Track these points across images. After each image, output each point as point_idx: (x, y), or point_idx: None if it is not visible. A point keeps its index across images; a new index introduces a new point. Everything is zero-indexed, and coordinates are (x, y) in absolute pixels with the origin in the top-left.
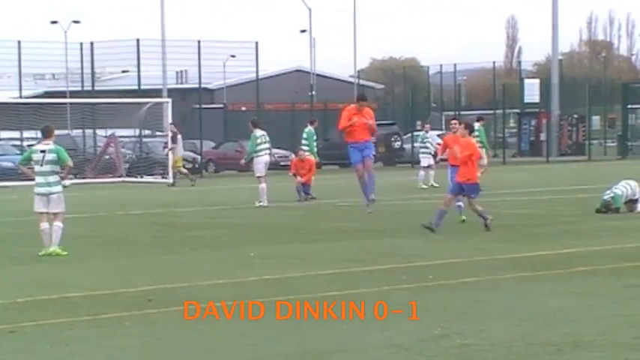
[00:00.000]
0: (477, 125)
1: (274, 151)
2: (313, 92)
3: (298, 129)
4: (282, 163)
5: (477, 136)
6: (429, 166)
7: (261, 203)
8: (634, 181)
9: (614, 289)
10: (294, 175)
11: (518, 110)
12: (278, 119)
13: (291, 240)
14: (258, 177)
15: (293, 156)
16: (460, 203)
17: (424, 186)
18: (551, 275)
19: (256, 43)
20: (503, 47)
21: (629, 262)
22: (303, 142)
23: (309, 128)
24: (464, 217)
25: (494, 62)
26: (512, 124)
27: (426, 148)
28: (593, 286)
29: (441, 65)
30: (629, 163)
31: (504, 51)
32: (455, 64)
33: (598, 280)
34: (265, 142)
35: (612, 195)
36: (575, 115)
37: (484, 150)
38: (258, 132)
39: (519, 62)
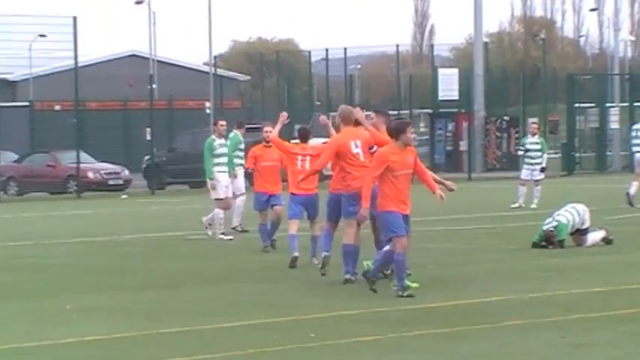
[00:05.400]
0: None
1: (100, 165)
2: (154, 85)
3: (134, 135)
4: (111, 182)
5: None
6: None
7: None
8: (583, 206)
9: (558, 349)
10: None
11: (430, 110)
12: (106, 122)
13: (125, 287)
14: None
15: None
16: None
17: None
18: (475, 331)
19: (74, 18)
20: (411, 26)
21: (577, 313)
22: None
23: (235, 133)
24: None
25: (397, 46)
26: (422, 129)
27: (532, 158)
28: (530, 345)
29: (326, 50)
30: (577, 180)
31: (412, 31)
32: (345, 49)
33: (536, 336)
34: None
35: (555, 224)
36: (506, 117)
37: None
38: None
39: (431, 46)
